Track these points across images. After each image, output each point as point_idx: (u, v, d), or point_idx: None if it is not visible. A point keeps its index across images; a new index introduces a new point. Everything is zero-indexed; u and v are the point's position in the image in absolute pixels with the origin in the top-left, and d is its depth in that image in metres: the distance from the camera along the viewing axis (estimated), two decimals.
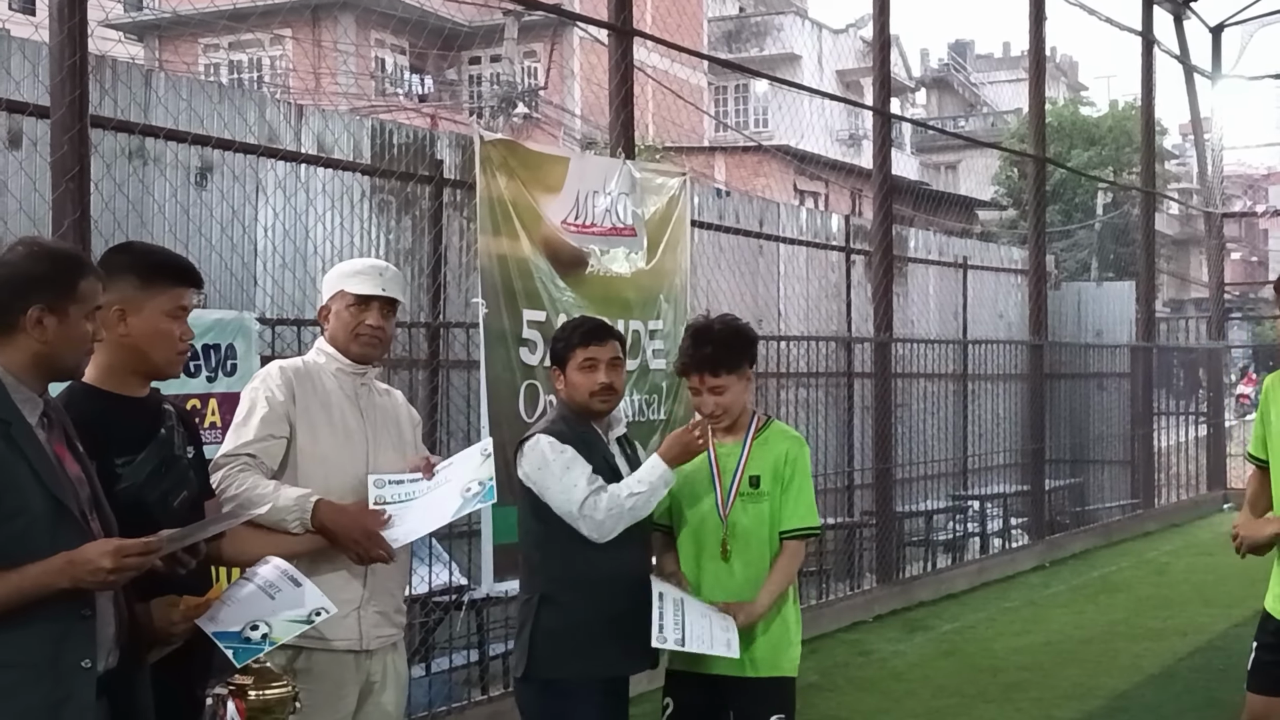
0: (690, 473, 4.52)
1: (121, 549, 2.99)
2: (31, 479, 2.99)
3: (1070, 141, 40.77)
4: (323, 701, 4.04)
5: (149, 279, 3.58)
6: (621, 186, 7.85)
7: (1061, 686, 8.34)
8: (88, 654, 3.02)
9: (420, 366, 7.76)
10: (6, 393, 3.04)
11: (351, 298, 4.23)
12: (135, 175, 6.39)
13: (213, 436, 5.48)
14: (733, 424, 4.57)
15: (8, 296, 3.08)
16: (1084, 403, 16.81)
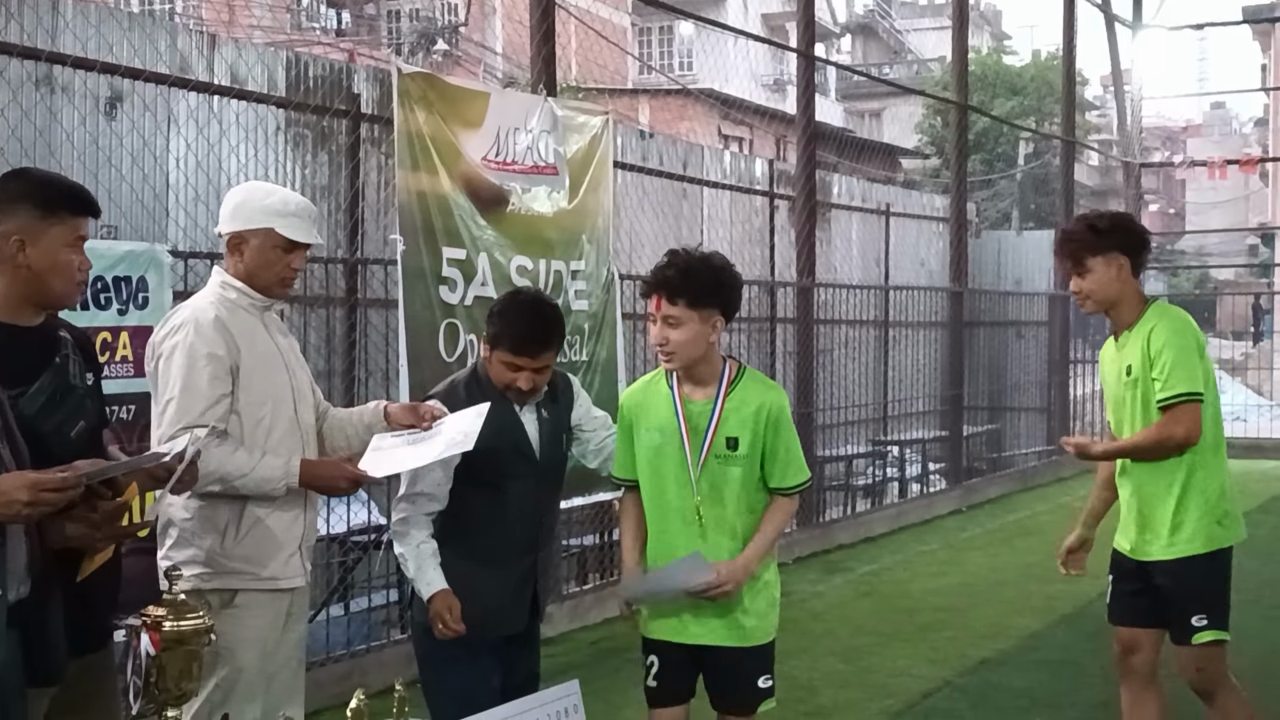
0: (657, 434, 4.23)
1: (39, 483, 2.92)
2: None
3: (993, 91, 41.01)
4: (257, 637, 4.05)
5: (49, 208, 3.46)
6: (543, 124, 7.76)
7: (976, 626, 8.44)
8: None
9: (338, 304, 7.65)
10: None
11: (282, 240, 4.12)
12: (43, 103, 6.21)
13: (124, 370, 5.39)
14: (703, 375, 4.20)
15: None
16: (1002, 350, 16.99)
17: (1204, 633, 4.74)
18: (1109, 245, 4.82)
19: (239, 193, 4.27)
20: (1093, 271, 4.82)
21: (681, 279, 4.13)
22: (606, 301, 8.30)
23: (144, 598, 3.57)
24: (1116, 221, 4.93)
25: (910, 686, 7.13)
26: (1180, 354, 4.72)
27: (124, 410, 5.35)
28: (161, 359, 4.04)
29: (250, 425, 4.06)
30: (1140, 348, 4.78)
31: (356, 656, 7.05)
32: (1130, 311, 4.86)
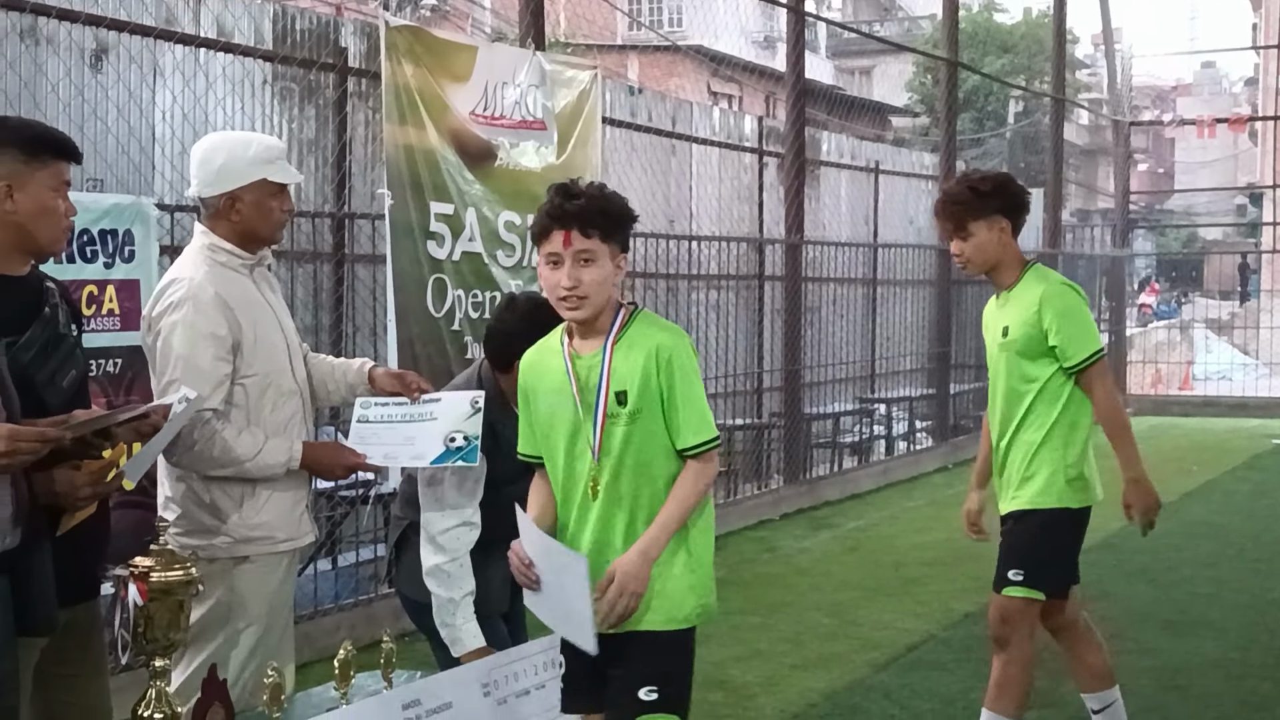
0: (551, 394, 3.62)
1: (16, 434, 2.92)
2: None
3: (984, 49, 40.89)
4: (266, 593, 4.04)
5: (33, 153, 3.44)
6: (531, 79, 7.74)
7: (960, 581, 8.49)
8: None
9: (325, 259, 7.64)
10: None
11: (275, 187, 4.07)
12: (27, 55, 6.17)
13: (110, 324, 5.39)
14: (597, 326, 3.58)
15: None
16: None
17: (1016, 587, 4.79)
18: (991, 208, 4.78)
19: (218, 151, 4.11)
20: (974, 235, 4.78)
21: (595, 208, 3.54)
22: None
23: (134, 551, 3.60)
24: (998, 183, 4.86)
25: (895, 639, 7.18)
26: (1079, 316, 4.77)
27: (110, 363, 5.36)
28: (160, 336, 3.97)
29: (255, 396, 4.02)
30: (1024, 313, 4.77)
31: (344, 610, 7.08)
32: (1010, 273, 4.86)
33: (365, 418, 4.24)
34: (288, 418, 4.10)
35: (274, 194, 4.08)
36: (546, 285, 3.55)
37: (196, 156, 4.13)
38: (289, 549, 4.13)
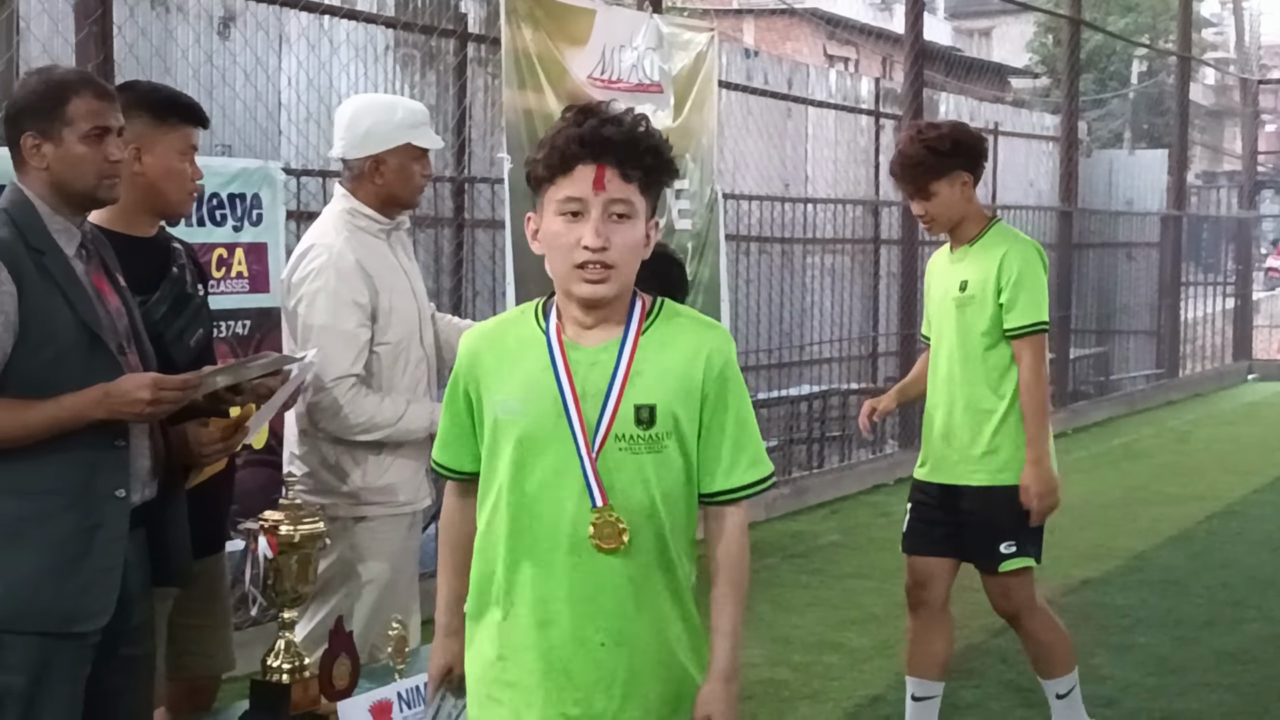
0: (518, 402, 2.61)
1: (159, 382, 3.01)
2: (65, 309, 2.99)
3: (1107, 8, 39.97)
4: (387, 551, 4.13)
5: (162, 116, 3.52)
6: (648, 41, 7.74)
7: (1080, 547, 8.40)
8: (121, 484, 3.05)
9: (445, 224, 7.74)
10: (43, 223, 3.03)
11: (418, 151, 4.12)
12: (159, 22, 6.32)
13: (239, 286, 5.52)
14: (608, 310, 2.60)
15: (7, 128, 3.07)
16: (1112, 272, 16.72)
17: (1011, 560, 4.67)
18: (952, 165, 4.63)
19: (365, 114, 4.14)
20: (938, 194, 4.62)
21: (644, 143, 2.54)
22: (710, 221, 8.31)
23: (259, 507, 3.71)
24: (955, 138, 4.68)
25: None
26: (1035, 283, 4.62)
27: (239, 325, 5.49)
28: (303, 302, 4.02)
29: (389, 363, 4.08)
30: (986, 269, 4.62)
31: None
32: (972, 226, 4.71)
33: None
34: (415, 382, 4.17)
35: (417, 158, 4.12)
36: (557, 245, 2.54)
37: (343, 119, 4.16)
38: (409, 511, 4.21)
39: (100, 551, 3.01)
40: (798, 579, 7.78)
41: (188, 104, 3.66)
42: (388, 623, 3.76)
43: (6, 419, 2.93)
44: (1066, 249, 14.52)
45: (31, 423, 2.93)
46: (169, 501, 3.26)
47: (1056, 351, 14.53)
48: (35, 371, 2.96)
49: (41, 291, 2.97)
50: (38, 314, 2.96)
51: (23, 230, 3.00)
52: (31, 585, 2.95)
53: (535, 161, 2.58)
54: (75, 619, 2.99)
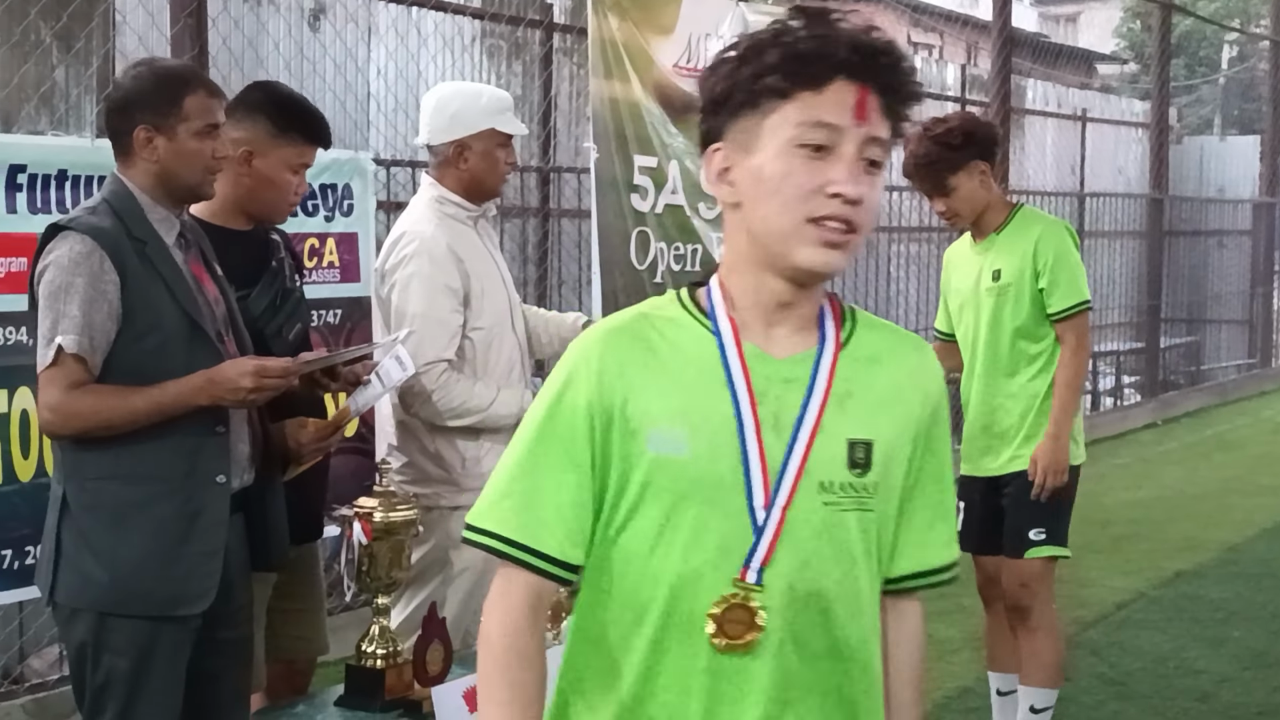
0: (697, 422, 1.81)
1: (262, 369, 3.05)
2: (167, 298, 3.04)
3: None
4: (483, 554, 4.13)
5: (284, 128, 3.54)
6: (735, 29, 7.69)
7: (1172, 539, 8.29)
8: (221, 469, 3.10)
9: (531, 214, 7.77)
10: (143, 213, 3.08)
11: (502, 137, 4.13)
12: (251, 14, 6.40)
13: (330, 276, 5.57)
14: (799, 300, 1.86)
15: (117, 119, 3.10)
16: (1203, 260, 16.45)
17: (1041, 547, 4.56)
18: (967, 157, 4.51)
19: (451, 100, 4.19)
20: (958, 189, 4.52)
21: (903, 71, 1.85)
22: None
23: (353, 494, 3.74)
24: (966, 130, 4.56)
25: (1104, 597, 7.05)
26: (1071, 261, 4.56)
27: (330, 314, 5.53)
28: (396, 288, 4.04)
29: (482, 349, 4.10)
30: (1020, 256, 4.52)
31: None
32: (996, 215, 4.61)
33: None
34: (509, 369, 4.18)
35: (501, 145, 4.14)
36: (783, 188, 1.78)
37: (430, 104, 4.19)
38: None
39: (202, 536, 3.06)
40: None
41: (310, 122, 3.64)
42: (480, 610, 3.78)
43: (112, 405, 2.98)
44: (1157, 237, 14.30)
45: (136, 409, 2.98)
46: (267, 487, 3.31)
47: (1147, 341, 14.34)
48: (139, 359, 3.01)
49: (144, 281, 3.01)
50: (141, 303, 3.01)
51: (125, 220, 3.04)
52: (136, 570, 3.01)
53: (751, 67, 1.79)
54: (179, 603, 3.04)
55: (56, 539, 3.04)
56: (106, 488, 3.02)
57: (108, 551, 3.00)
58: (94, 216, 3.03)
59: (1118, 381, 14.18)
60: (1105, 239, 14.44)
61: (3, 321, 4.36)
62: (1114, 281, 14.63)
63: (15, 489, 4.39)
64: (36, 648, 5.39)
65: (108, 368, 3.00)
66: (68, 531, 3.03)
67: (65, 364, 2.95)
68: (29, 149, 4.59)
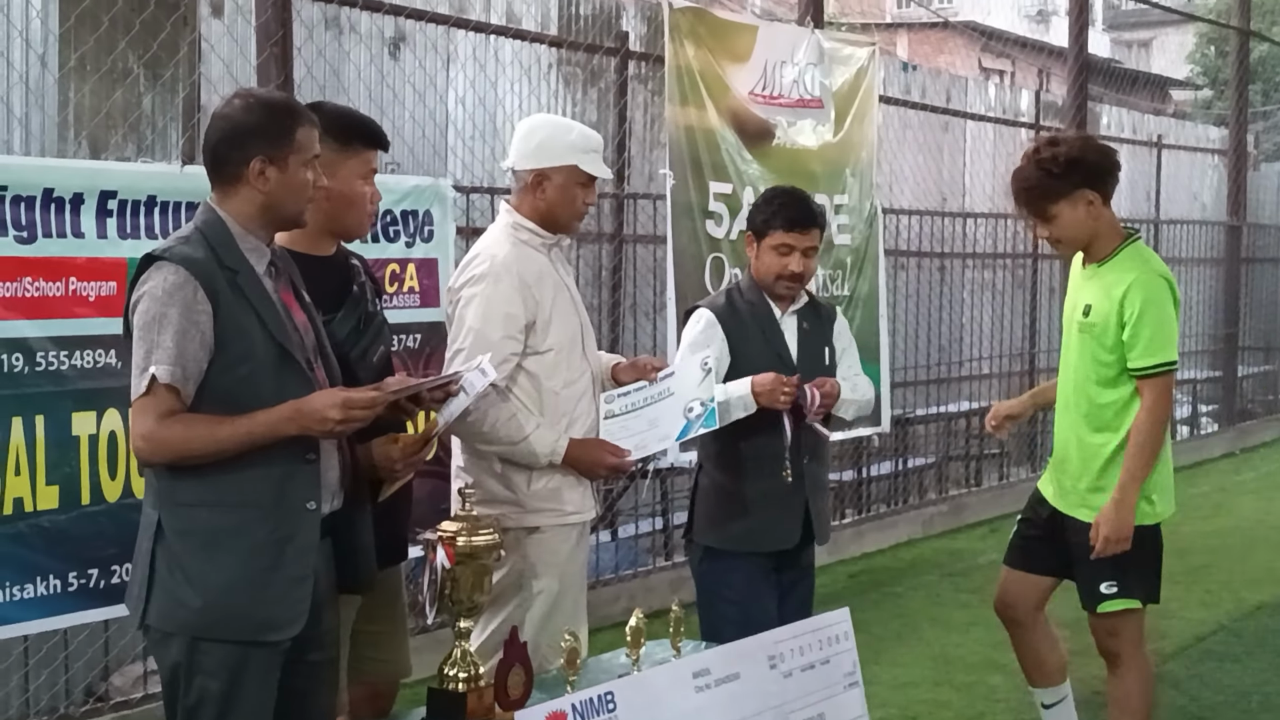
0: None
1: (349, 401, 3.08)
2: (258, 327, 3.09)
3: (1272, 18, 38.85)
4: (557, 563, 4.16)
5: (345, 140, 3.60)
6: (809, 57, 7.73)
7: (1251, 571, 8.18)
8: (312, 496, 3.14)
9: (606, 239, 7.81)
10: (235, 242, 3.13)
11: (585, 176, 4.16)
12: (334, 43, 6.50)
13: (411, 300, 5.63)
14: None
15: (228, 149, 3.14)
16: None
17: (1113, 601, 4.41)
18: (1071, 184, 4.33)
19: (540, 130, 4.24)
20: (1059, 217, 4.35)
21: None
22: (869, 236, 8.26)
23: (430, 518, 3.78)
24: (1072, 156, 4.35)
25: (1183, 629, 6.96)
26: (1162, 317, 4.31)
27: (410, 338, 5.59)
28: (460, 304, 4.09)
29: (547, 372, 4.11)
30: (1110, 297, 4.34)
31: (624, 580, 7.25)
32: (1105, 245, 4.41)
33: (611, 413, 4.27)
34: (578, 395, 4.20)
35: (582, 183, 4.17)
36: None
37: (520, 131, 4.25)
38: (577, 521, 4.23)
39: (293, 562, 3.10)
40: (957, 598, 7.69)
41: (371, 128, 3.75)
42: (556, 633, 3.80)
43: (204, 435, 3.02)
44: (1234, 264, 14.16)
45: (227, 438, 3.02)
46: (355, 511, 3.34)
47: (1224, 369, 14.18)
48: (231, 387, 3.06)
49: (237, 310, 3.06)
50: (234, 332, 3.05)
51: (217, 250, 3.09)
52: (228, 595, 3.05)
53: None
54: (270, 628, 3.08)
55: (150, 563, 3.08)
56: (199, 514, 3.07)
57: (200, 576, 3.05)
58: (187, 246, 3.08)
59: (1194, 410, 14.01)
60: (1182, 266, 14.27)
61: (92, 344, 4.44)
62: (1190, 309, 14.45)
63: (103, 509, 4.48)
64: (120, 666, 5.47)
65: (200, 395, 3.05)
66: (161, 556, 3.07)
67: (158, 393, 3.00)
68: (119, 175, 4.69)
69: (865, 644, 4.12)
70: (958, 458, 10.71)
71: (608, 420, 4.27)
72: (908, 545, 9.29)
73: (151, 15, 5.49)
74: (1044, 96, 13.34)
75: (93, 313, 4.43)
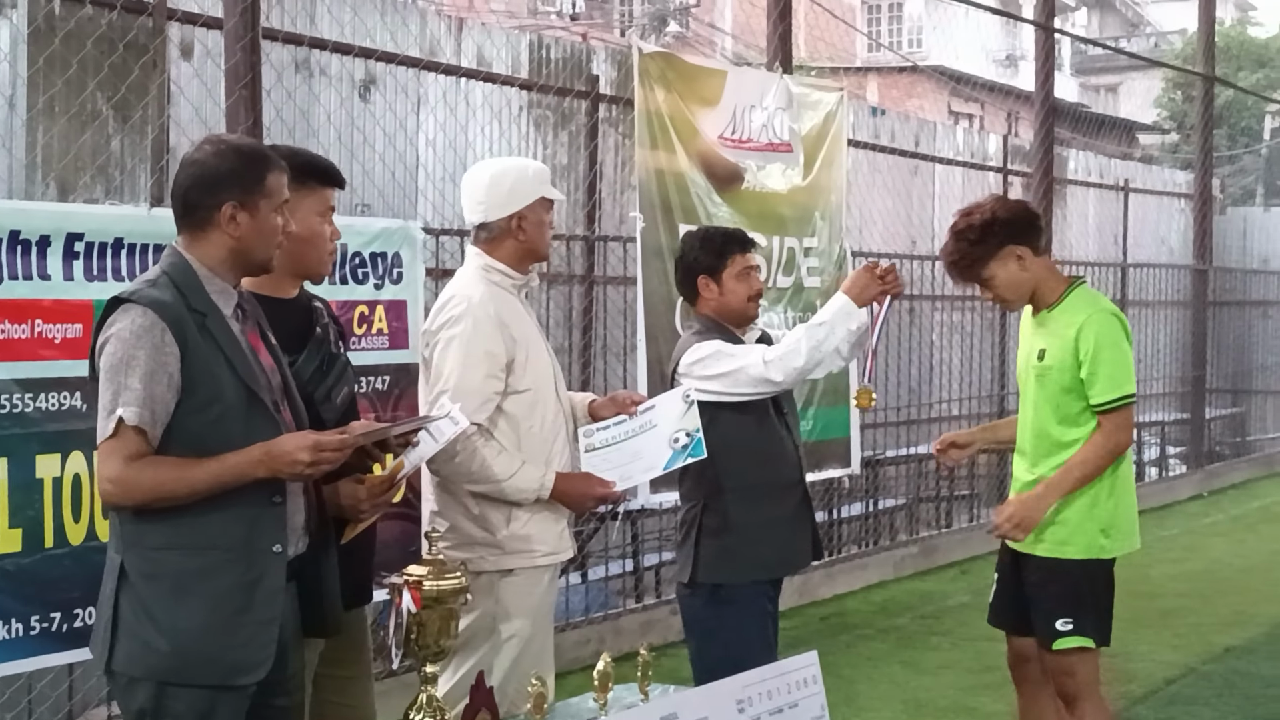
0: None
1: (319, 444, 3.07)
2: (226, 369, 3.08)
3: (1237, 64, 39.29)
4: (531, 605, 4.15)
5: (301, 180, 3.58)
6: (778, 102, 7.78)
7: (1221, 613, 8.20)
8: (278, 539, 3.13)
9: (576, 281, 7.82)
10: (202, 285, 3.13)
11: (548, 203, 4.23)
12: (304, 85, 6.51)
13: (380, 343, 5.60)
14: None
15: (199, 194, 3.15)
16: (1247, 331, 16.37)
17: (1066, 638, 4.39)
18: (993, 246, 4.38)
19: (505, 176, 4.24)
20: (995, 277, 4.40)
21: None
22: (838, 278, 8.28)
23: (398, 561, 3.76)
24: (987, 221, 4.41)
25: (1153, 672, 6.97)
26: (1117, 353, 4.37)
27: (379, 380, 5.56)
28: (438, 348, 4.10)
29: (525, 411, 4.12)
30: (1064, 339, 4.38)
31: (594, 623, 7.21)
32: (1050, 291, 4.46)
33: (591, 446, 4.29)
34: (554, 434, 4.21)
35: (548, 210, 4.26)
36: None
37: (482, 182, 4.23)
38: (550, 563, 4.22)
39: (260, 605, 3.08)
40: (929, 640, 7.68)
41: (325, 166, 3.76)
42: (525, 677, 3.78)
43: (171, 477, 3.01)
44: (1201, 307, 14.27)
45: (196, 480, 3.01)
46: (321, 554, 3.33)
47: (1192, 412, 14.26)
48: (199, 430, 3.05)
49: (205, 352, 3.06)
50: (202, 374, 3.05)
51: (184, 293, 3.09)
52: (197, 638, 3.03)
53: None
54: (239, 671, 3.06)
55: (114, 607, 3.06)
56: (166, 557, 3.05)
57: (168, 621, 3.02)
58: (155, 289, 3.07)
59: (1163, 453, 14.08)
60: (1149, 309, 14.39)
61: (57, 387, 4.41)
62: (1158, 352, 14.56)
63: (66, 552, 4.42)
64: (84, 710, 5.41)
65: (168, 438, 3.04)
66: (127, 600, 3.05)
67: (126, 436, 2.99)
68: (86, 218, 4.66)
69: (835, 687, 4.13)
70: (928, 499, 10.72)
71: (589, 454, 4.28)
72: (879, 587, 9.27)
73: (120, 58, 5.50)
74: (1012, 140, 13.46)
75: (59, 355, 4.40)
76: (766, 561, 4.57)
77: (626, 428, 4.28)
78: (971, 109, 32.60)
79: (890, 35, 37.57)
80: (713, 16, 29.38)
